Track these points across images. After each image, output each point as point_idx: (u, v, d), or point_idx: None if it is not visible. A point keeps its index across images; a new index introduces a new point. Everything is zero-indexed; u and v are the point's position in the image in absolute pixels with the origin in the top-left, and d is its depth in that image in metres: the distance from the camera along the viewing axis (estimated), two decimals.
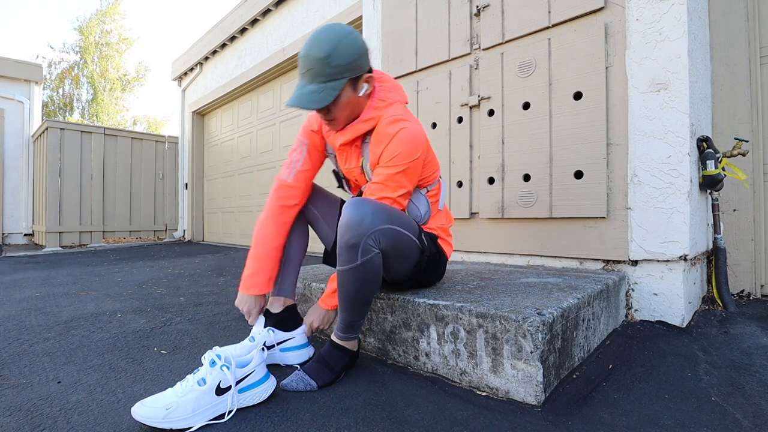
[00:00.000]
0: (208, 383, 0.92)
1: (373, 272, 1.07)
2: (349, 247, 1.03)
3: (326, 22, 3.77)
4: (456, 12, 2.16)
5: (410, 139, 1.14)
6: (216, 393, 0.93)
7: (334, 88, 1.09)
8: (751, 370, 1.15)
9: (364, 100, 1.19)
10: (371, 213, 1.03)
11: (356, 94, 1.15)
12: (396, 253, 1.13)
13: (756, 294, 1.86)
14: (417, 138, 1.15)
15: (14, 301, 2.19)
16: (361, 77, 1.15)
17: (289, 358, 1.25)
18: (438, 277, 1.39)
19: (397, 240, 1.11)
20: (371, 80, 1.17)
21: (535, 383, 0.97)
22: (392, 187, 1.15)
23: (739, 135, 1.86)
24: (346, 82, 1.10)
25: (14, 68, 6.63)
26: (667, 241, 1.52)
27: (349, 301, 1.10)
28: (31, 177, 6.73)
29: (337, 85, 1.09)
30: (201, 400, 0.91)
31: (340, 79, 1.09)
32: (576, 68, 1.72)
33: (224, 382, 0.94)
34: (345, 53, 1.07)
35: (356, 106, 1.18)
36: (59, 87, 14.10)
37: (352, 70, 1.10)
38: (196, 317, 1.82)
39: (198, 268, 3.44)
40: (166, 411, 0.88)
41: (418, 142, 1.15)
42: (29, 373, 1.20)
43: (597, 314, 1.33)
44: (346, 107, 1.15)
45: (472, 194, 2.10)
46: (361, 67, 1.12)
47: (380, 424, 0.90)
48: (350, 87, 1.13)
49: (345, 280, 1.07)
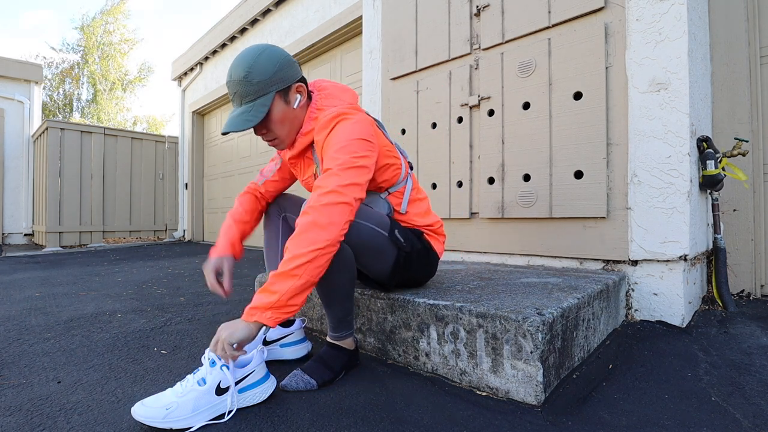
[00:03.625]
0: (207, 383, 0.92)
1: (342, 263, 1.08)
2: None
3: (326, 22, 3.78)
4: (456, 12, 2.16)
5: (349, 129, 1.07)
6: (216, 393, 0.93)
7: (263, 104, 1.07)
8: (751, 370, 1.15)
9: (301, 112, 1.16)
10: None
11: (290, 106, 1.13)
12: (364, 247, 1.13)
13: (756, 294, 1.86)
14: (357, 127, 1.08)
15: (14, 301, 2.19)
16: (290, 88, 1.12)
17: (288, 353, 1.26)
18: (427, 276, 1.35)
19: (362, 233, 1.11)
20: (303, 90, 1.15)
21: (535, 383, 0.97)
22: (338, 175, 1.01)
23: (739, 135, 1.86)
24: (274, 96, 1.09)
25: (14, 68, 6.63)
26: (667, 241, 1.52)
27: (328, 295, 1.12)
28: (31, 177, 6.73)
29: (265, 100, 1.07)
30: (201, 400, 0.91)
31: (266, 94, 1.08)
32: (576, 68, 1.72)
33: (224, 382, 0.94)
34: (263, 68, 1.06)
35: (294, 120, 1.15)
36: (59, 87, 14.10)
37: (277, 82, 1.08)
38: (196, 317, 1.82)
39: (198, 268, 3.44)
40: (166, 411, 0.88)
41: (356, 127, 1.08)
42: (29, 373, 1.20)
43: (597, 314, 1.33)
44: (283, 122, 1.13)
45: (472, 194, 2.10)
46: (286, 78, 1.10)
47: (380, 424, 0.90)
48: (281, 100, 1.11)
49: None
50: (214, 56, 5.78)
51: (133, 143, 6.63)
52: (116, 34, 14.56)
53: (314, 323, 1.57)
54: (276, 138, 1.16)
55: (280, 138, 1.16)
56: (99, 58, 14.35)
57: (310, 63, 4.32)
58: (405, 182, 1.29)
